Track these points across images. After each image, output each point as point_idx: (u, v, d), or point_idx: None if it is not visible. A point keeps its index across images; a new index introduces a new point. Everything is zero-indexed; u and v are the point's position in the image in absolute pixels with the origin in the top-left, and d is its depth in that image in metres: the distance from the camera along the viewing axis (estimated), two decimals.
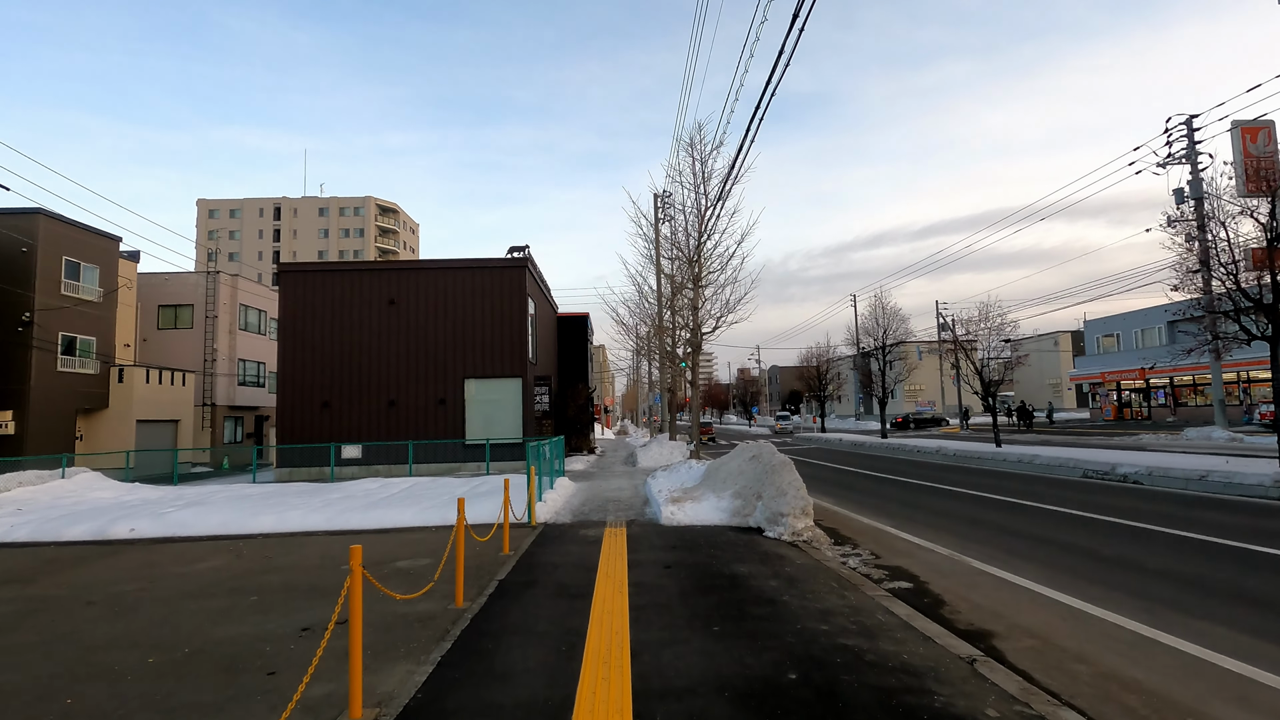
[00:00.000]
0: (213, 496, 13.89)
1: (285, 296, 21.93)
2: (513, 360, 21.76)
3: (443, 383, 21.68)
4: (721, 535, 9.09)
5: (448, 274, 22.12)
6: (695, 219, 15.86)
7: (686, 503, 10.63)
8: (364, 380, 21.59)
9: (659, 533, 9.33)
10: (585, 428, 29.28)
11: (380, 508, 11.41)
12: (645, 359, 47.99)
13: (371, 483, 15.21)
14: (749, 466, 11.17)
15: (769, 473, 10.15)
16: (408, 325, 21.83)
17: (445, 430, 21.48)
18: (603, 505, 12.18)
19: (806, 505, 9.22)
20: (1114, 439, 27.16)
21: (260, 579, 7.11)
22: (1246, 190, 20.84)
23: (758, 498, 9.97)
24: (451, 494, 13.08)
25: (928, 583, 6.72)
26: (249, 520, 10.64)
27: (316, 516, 10.78)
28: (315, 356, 21.63)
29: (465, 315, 21.88)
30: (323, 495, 13.38)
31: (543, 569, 7.13)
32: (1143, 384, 43.72)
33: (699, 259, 15.76)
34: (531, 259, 22.73)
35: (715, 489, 11.35)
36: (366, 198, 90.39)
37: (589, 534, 9.28)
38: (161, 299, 33.15)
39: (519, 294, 22.03)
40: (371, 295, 21.90)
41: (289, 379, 21.58)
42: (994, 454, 19.98)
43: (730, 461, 12.17)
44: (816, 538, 8.91)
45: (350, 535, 9.79)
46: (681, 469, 14.50)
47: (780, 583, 6.41)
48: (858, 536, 9.39)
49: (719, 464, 12.82)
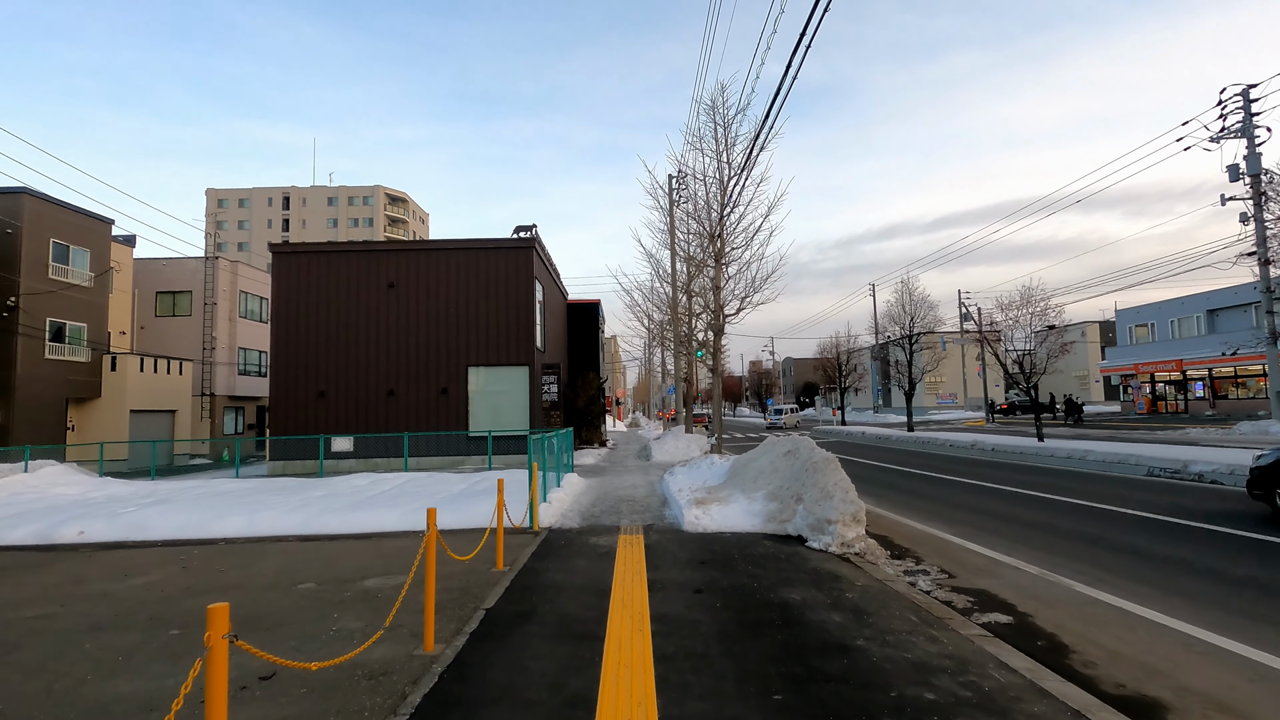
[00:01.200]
0: (187, 493, 12.66)
1: (279, 279, 20.67)
2: (519, 347, 20.41)
3: (445, 371, 20.37)
4: (757, 545, 7.68)
5: (450, 255, 20.77)
6: (717, 189, 14.41)
7: (712, 505, 9.21)
8: (362, 368, 20.32)
9: (682, 542, 7.93)
10: (596, 420, 27.93)
11: (365, 508, 10.09)
12: (659, 348, 46.58)
13: (362, 478, 13.93)
14: (784, 463, 9.73)
15: (810, 471, 8.71)
16: (408, 310, 20.52)
17: (447, 422, 20.19)
18: (615, 506, 10.80)
19: (858, 511, 7.77)
20: (1157, 433, 25.38)
21: (194, 603, 5.78)
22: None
23: (797, 500, 8.55)
24: (447, 491, 11.75)
25: (1031, 615, 5.28)
26: (214, 523, 9.34)
27: (291, 518, 9.47)
28: (310, 343, 20.38)
29: (469, 299, 20.54)
30: (306, 492, 12.09)
31: (542, 593, 5.75)
32: (1179, 376, 41.75)
33: (721, 233, 14.29)
34: (539, 239, 21.34)
35: (744, 489, 9.93)
36: (375, 187, 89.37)
37: (600, 543, 7.90)
38: (159, 285, 32.08)
39: (526, 276, 20.65)
40: (370, 278, 20.60)
41: (283, 367, 20.35)
42: (1038, 449, 18.42)
43: (760, 457, 10.74)
44: (870, 549, 7.47)
45: (323, 541, 8.48)
46: (702, 465, 13.09)
47: (846, 617, 4.99)
48: (916, 547, 7.95)
49: (746, 460, 11.39)
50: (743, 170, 13.64)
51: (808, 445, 9.75)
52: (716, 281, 14.44)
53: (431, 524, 4.53)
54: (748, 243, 14.16)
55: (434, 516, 4.59)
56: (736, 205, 14.20)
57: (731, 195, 14.24)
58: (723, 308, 14.37)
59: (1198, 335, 40.55)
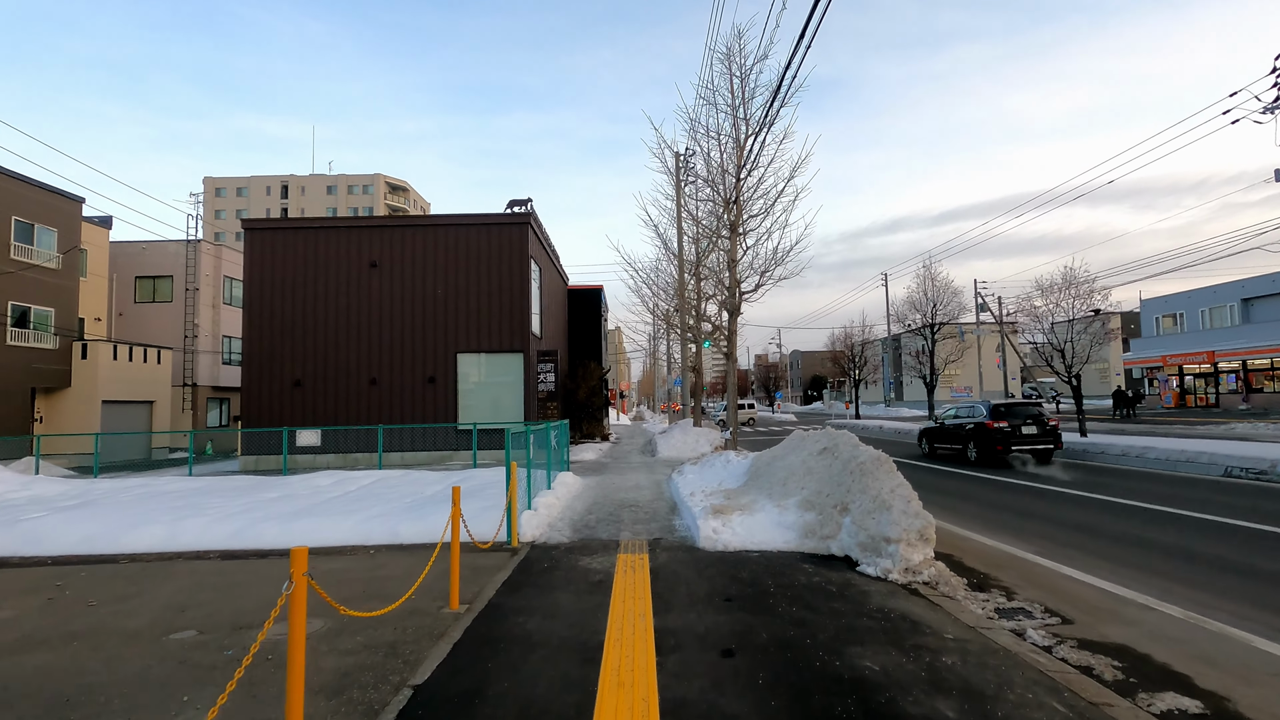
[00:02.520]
0: (122, 494, 11.01)
1: (252, 258, 19.00)
2: (513, 332, 18.70)
3: (432, 358, 18.69)
4: (795, 571, 5.96)
5: (438, 232, 19.05)
6: (733, 149, 12.62)
7: (734, 515, 7.49)
8: (342, 355, 18.65)
9: (699, 564, 6.21)
10: (598, 412, 26.23)
11: (315, 514, 8.41)
12: (664, 340, 44.80)
13: (326, 477, 12.25)
14: (819, 464, 8.00)
15: (856, 474, 6.98)
16: (392, 291, 18.82)
17: (435, 413, 18.52)
18: (615, 512, 9.09)
19: (925, 528, 6.04)
20: (1197, 428, 23.43)
21: (14, 662, 4.10)
22: None
23: (841, 511, 6.82)
24: (419, 494, 10.06)
25: (1226, 698, 3.55)
26: (126, 533, 7.67)
27: (221, 528, 7.80)
28: (286, 328, 18.71)
29: (458, 279, 18.83)
30: (257, 494, 10.42)
31: (505, 656, 4.03)
32: (1209, 368, 39.79)
33: (737, 199, 12.51)
34: (535, 215, 19.59)
35: (770, 494, 8.21)
36: (375, 175, 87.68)
37: (593, 566, 6.18)
38: (139, 270, 30.48)
39: (520, 255, 18.92)
40: (351, 256, 18.90)
41: (256, 353, 18.70)
42: (1084, 445, 16.65)
43: (788, 455, 9.01)
44: (941, 576, 5.75)
45: (248, 560, 6.80)
46: (716, 463, 11.37)
47: (958, 707, 3.26)
48: (995, 571, 6.23)
49: (770, 458, 9.66)
50: (762, 127, 11.85)
51: (848, 441, 8.01)
52: (732, 254, 12.67)
53: (296, 576, 2.82)
54: (768, 209, 12.40)
55: (301, 569, 2.87)
56: (755, 166, 12.41)
57: (750, 155, 12.46)
58: (739, 284, 12.59)
59: (1231, 325, 38.57)
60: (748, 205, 12.71)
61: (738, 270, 12.68)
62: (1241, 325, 37.80)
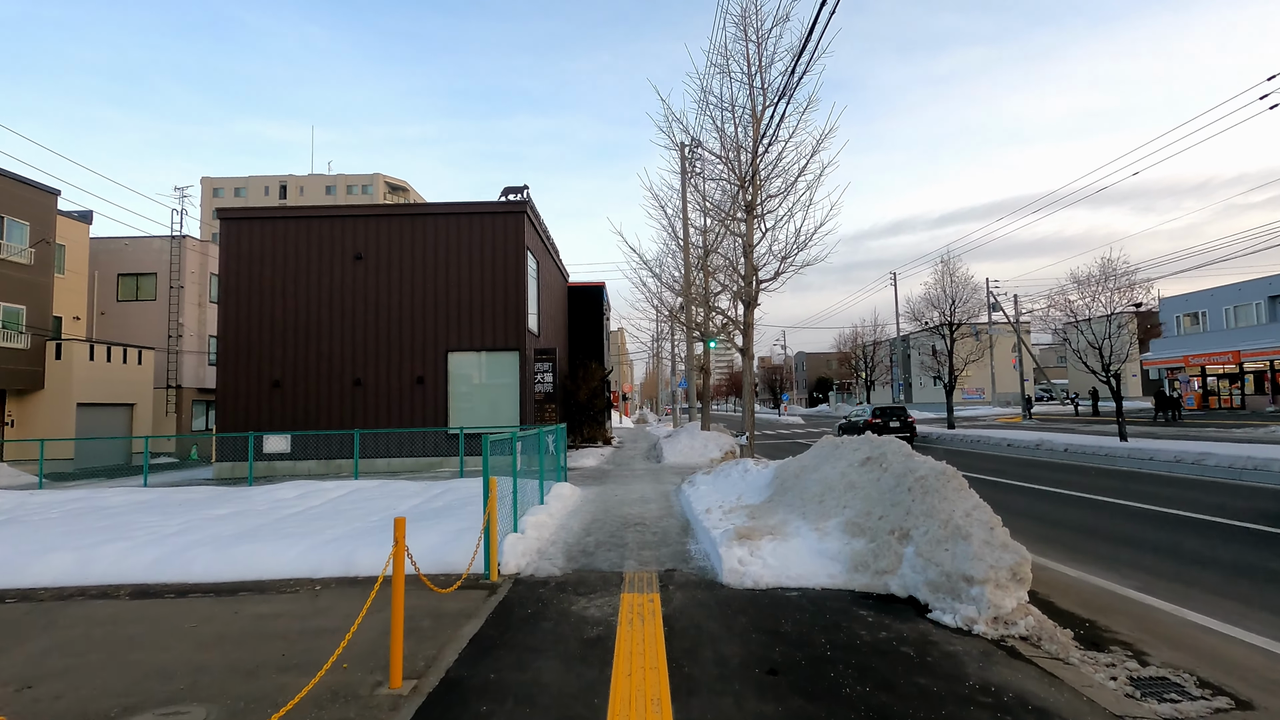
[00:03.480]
0: (54, 509, 9.70)
1: (227, 250, 17.72)
2: (508, 329, 17.38)
3: (421, 357, 17.38)
4: (852, 621, 4.61)
5: (427, 221, 17.75)
6: (748, 122, 11.29)
7: (762, 540, 6.14)
8: (324, 354, 17.35)
9: (726, 611, 4.86)
10: (600, 415, 24.90)
11: (260, 537, 7.08)
12: (669, 339, 43.45)
13: (292, 488, 10.91)
14: (864, 477, 6.65)
15: (917, 493, 5.64)
16: (378, 285, 17.52)
17: (424, 416, 17.20)
18: (618, 533, 7.75)
19: (1019, 564, 4.68)
20: (1233, 431, 22.00)
21: None
22: None
23: (900, 538, 5.47)
24: (392, 509, 8.73)
25: None
26: (31, 562, 6.37)
27: (144, 555, 6.48)
28: (264, 325, 17.42)
29: (449, 272, 17.52)
30: (203, 510, 9.09)
31: None
32: (1234, 368, 38.32)
33: (754, 179, 11.17)
34: (531, 204, 18.28)
35: (804, 513, 6.85)
36: (375, 175, 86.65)
37: (590, 613, 4.84)
38: (121, 267, 29.24)
39: (516, 246, 17.60)
40: (334, 248, 17.61)
41: (232, 352, 17.41)
42: (1128, 451, 15.27)
43: (822, 465, 7.65)
44: (1044, 630, 4.41)
45: (160, 600, 5.48)
46: (732, 473, 10.02)
47: None
48: (1105, 618, 4.87)
49: (798, 468, 8.31)
50: (781, 96, 10.51)
51: (899, 450, 6.67)
52: (748, 239, 11.31)
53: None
54: (789, 187, 11.04)
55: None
56: (774, 141, 11.07)
57: (768, 128, 11.12)
58: (756, 271, 11.23)
59: (1257, 324, 37.09)
60: (766, 184, 11.37)
61: (755, 256, 11.33)
62: (1269, 324, 36.34)
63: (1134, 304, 17.13)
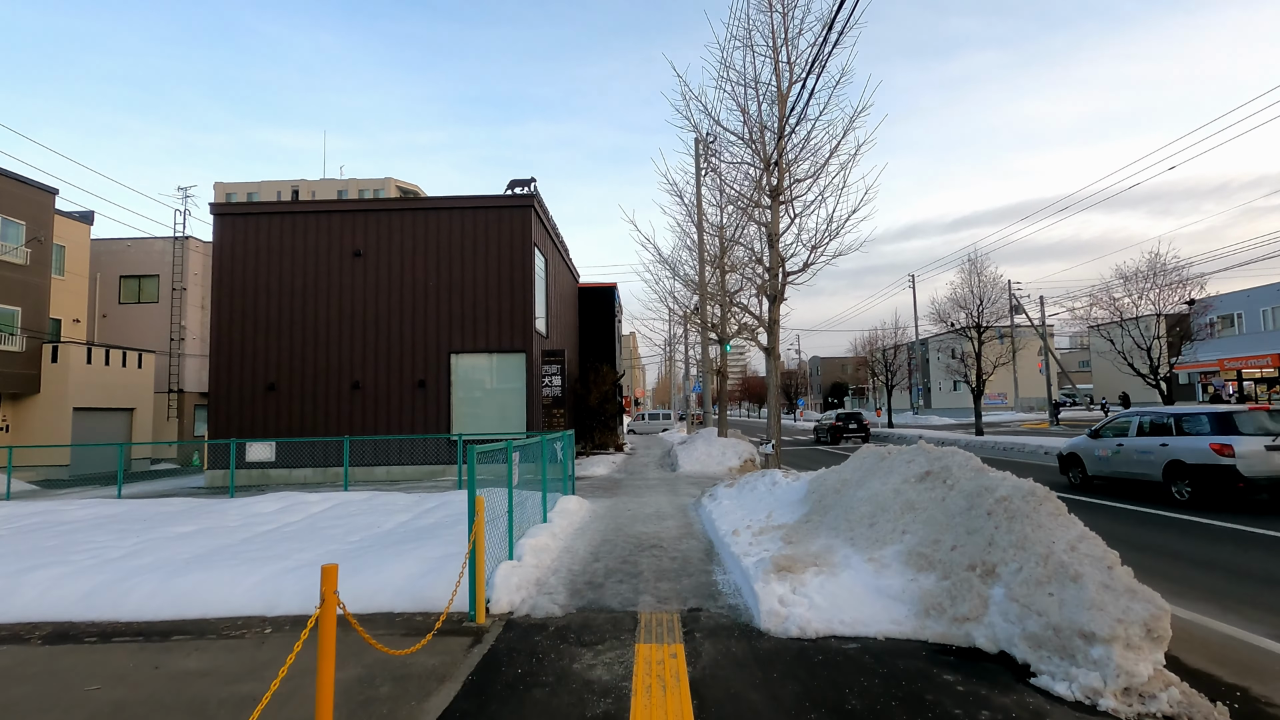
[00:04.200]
0: (10, 523, 8.79)
1: (221, 248, 16.92)
2: (515, 330, 16.43)
3: (423, 359, 16.45)
4: (936, 687, 3.55)
5: (429, 216, 16.85)
6: (773, 99, 10.26)
7: (806, 573, 5.07)
8: (321, 356, 16.48)
9: (771, 673, 3.82)
10: (611, 420, 23.88)
11: (217, 561, 6.12)
12: (682, 342, 42.36)
13: (274, 500, 9.96)
14: (924, 496, 5.58)
15: (1001, 519, 4.56)
16: (378, 283, 16.63)
17: (426, 421, 16.26)
18: (631, 558, 6.71)
19: (1154, 617, 3.61)
20: None
21: None
22: None
23: (983, 576, 4.40)
24: (376, 527, 7.75)
25: None
26: None
27: (78, 585, 5.53)
28: (259, 325, 16.59)
29: (453, 270, 16.60)
30: (164, 528, 8.15)
31: None
32: (1273, 372, 36.70)
33: (779, 161, 10.14)
34: (539, 198, 17.33)
35: (852, 538, 5.78)
36: (387, 179, 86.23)
37: (597, 675, 3.81)
38: (123, 269, 28.63)
39: (523, 241, 16.66)
40: (332, 245, 16.75)
41: (225, 354, 16.59)
42: None
43: (868, 481, 6.58)
44: (1195, 709, 3.33)
45: (80, 643, 4.52)
46: (759, 486, 8.96)
47: None
48: (1256, 683, 3.77)
49: (836, 482, 7.23)
50: (810, 71, 9.48)
51: (966, 464, 5.60)
52: (773, 228, 10.26)
53: None
54: (818, 170, 9.98)
55: None
56: (802, 119, 10.02)
57: (795, 106, 10.09)
58: (783, 263, 10.18)
59: None
60: (793, 167, 10.32)
61: (781, 246, 10.27)
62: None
63: (1186, 301, 15.91)
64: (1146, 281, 15.89)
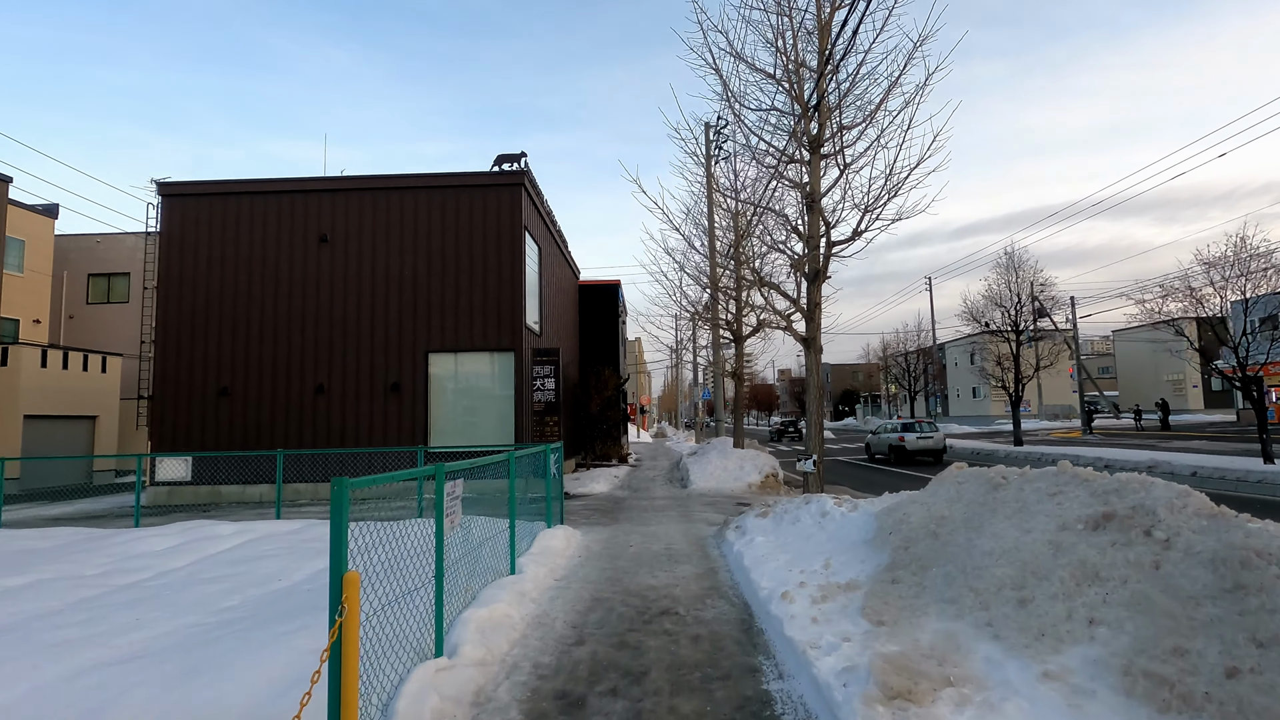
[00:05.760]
0: None
1: (169, 233, 14.92)
2: (501, 326, 14.31)
3: (396, 359, 14.34)
4: None
5: (405, 196, 14.77)
6: (811, 28, 8.14)
7: (940, 703, 2.88)
8: (281, 356, 14.39)
9: None
10: (614, 429, 21.73)
11: None
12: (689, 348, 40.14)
13: (170, 535, 7.76)
14: (1116, 557, 3.39)
15: None
16: (346, 272, 14.55)
17: (400, 430, 14.12)
18: (632, 638, 4.52)
19: None
20: None
21: None
22: None
23: None
24: (277, 583, 5.58)
25: None
26: None
27: None
28: (211, 321, 14.54)
29: (432, 257, 14.52)
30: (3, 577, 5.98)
31: None
32: None
33: (820, 105, 8.02)
34: (531, 175, 15.24)
35: (981, 618, 3.57)
36: None
37: None
38: (92, 266, 26.71)
39: (512, 225, 14.56)
40: (295, 229, 14.70)
41: (172, 354, 14.55)
42: None
43: (989, 521, 4.36)
44: None
45: None
46: (803, 516, 6.76)
47: None
48: None
49: (926, 518, 5.01)
50: None
51: (1184, 503, 3.42)
52: (813, 187, 8.11)
53: None
54: (873, 112, 7.82)
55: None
56: (850, 51, 7.88)
57: (838, 39, 7.94)
58: (829, 229, 8.02)
59: None
60: (837, 112, 8.16)
61: (819, 212, 8.11)
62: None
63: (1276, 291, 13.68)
64: (1232, 269, 13.72)
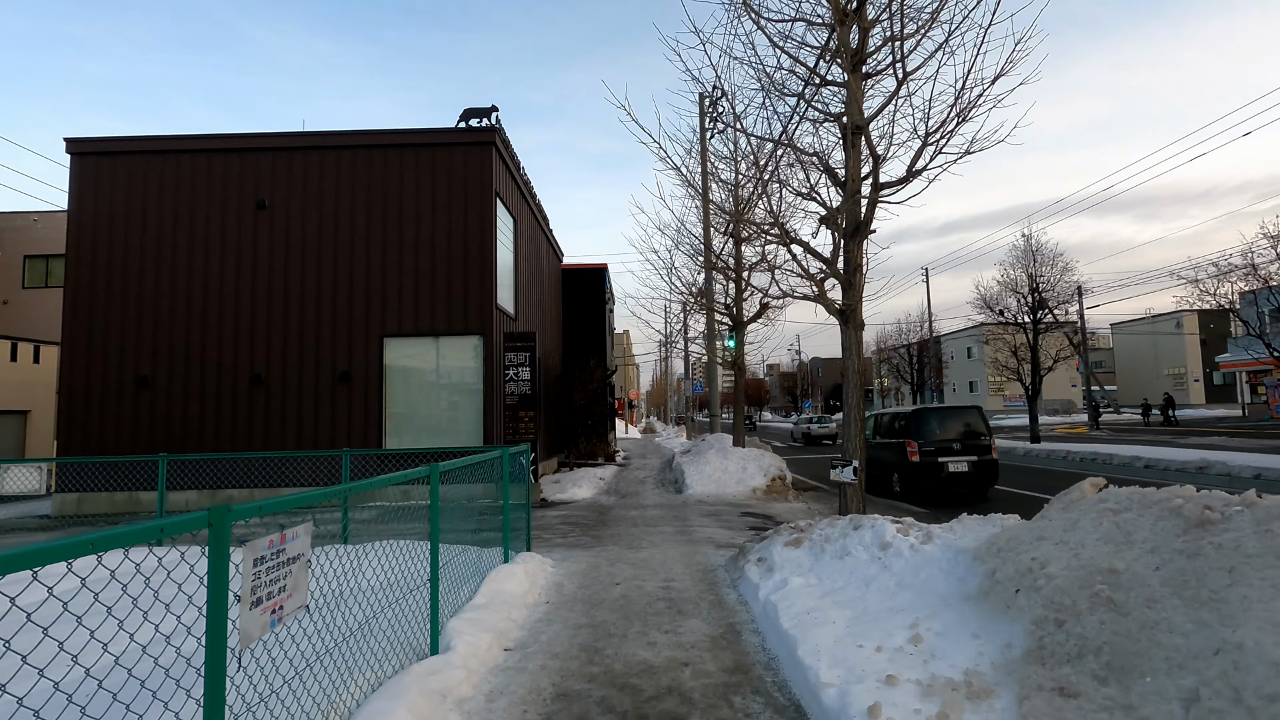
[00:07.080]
0: None
1: (81, 198, 12.84)
2: (468, 306, 12.36)
3: (347, 345, 12.35)
4: None
5: (358, 156, 12.75)
6: None
7: None
8: (211, 340, 12.36)
9: None
10: (600, 424, 19.85)
11: None
12: (679, 340, 38.26)
13: None
14: None
15: None
16: (288, 244, 12.53)
17: (350, 427, 12.16)
18: None
19: None
20: None
21: None
22: None
23: None
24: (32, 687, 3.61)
25: None
26: None
27: None
28: (129, 300, 12.48)
29: (388, 227, 12.53)
30: None
31: None
32: None
33: (862, 7, 6.15)
34: (503, 133, 13.26)
35: None
36: None
37: None
38: (29, 248, 24.41)
39: (481, 190, 12.60)
40: (228, 194, 12.65)
41: (80, 340, 12.46)
42: None
43: (1235, 587, 2.52)
44: None
45: None
46: (854, 549, 4.90)
47: None
48: None
49: (1071, 563, 3.16)
50: None
51: None
52: (851, 115, 6.24)
53: None
54: (935, 13, 5.94)
55: None
56: None
57: None
58: (878, 164, 6.11)
59: None
60: (887, 23, 6.27)
61: (872, 141, 6.23)
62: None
63: None
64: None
